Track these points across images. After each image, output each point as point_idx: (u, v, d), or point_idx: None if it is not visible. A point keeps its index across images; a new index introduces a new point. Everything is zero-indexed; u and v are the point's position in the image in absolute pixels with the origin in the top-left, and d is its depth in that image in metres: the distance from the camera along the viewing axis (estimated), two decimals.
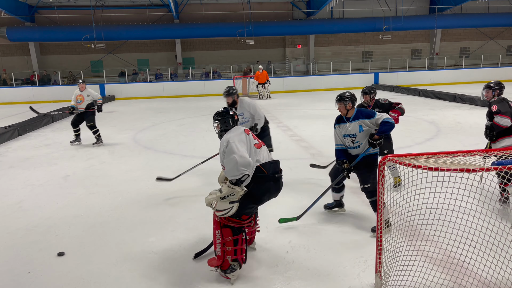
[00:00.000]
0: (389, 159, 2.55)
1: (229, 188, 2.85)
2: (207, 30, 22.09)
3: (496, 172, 2.91)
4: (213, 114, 3.21)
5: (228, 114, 3.13)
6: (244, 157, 2.84)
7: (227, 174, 2.92)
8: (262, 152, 3.08)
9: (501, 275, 2.61)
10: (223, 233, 2.96)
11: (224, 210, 2.85)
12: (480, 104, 12.10)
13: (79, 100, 8.20)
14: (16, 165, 6.88)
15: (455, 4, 22.20)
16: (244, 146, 2.94)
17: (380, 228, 2.63)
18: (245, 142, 2.98)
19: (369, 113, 3.73)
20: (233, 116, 3.15)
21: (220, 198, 2.86)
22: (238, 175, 2.83)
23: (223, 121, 3.11)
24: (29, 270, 3.24)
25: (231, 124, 3.12)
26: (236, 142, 2.91)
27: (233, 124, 3.13)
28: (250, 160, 2.87)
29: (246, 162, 2.83)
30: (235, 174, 2.84)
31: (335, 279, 2.94)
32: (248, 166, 2.85)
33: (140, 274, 3.13)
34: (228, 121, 3.11)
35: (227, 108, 3.20)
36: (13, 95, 18.86)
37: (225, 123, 3.11)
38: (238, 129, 3.10)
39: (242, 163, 2.81)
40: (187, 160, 6.77)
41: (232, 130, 3.08)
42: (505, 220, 2.63)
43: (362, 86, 20.62)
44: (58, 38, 21.98)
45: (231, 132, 3.05)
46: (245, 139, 3.00)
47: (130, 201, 4.83)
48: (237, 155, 2.83)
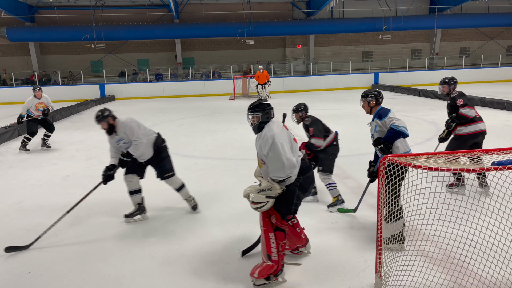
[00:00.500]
0: (389, 159, 2.55)
1: (268, 183, 2.83)
2: (207, 30, 22.10)
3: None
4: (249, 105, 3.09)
5: (268, 107, 3.03)
6: (291, 159, 2.81)
7: (271, 172, 2.86)
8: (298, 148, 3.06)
9: (501, 275, 2.61)
10: (277, 236, 2.89)
11: (260, 204, 2.81)
12: (480, 104, 12.10)
13: (41, 108, 7.86)
14: (16, 165, 6.88)
15: (455, 4, 22.20)
16: (288, 144, 2.88)
17: (380, 228, 2.63)
18: (288, 139, 2.93)
19: (380, 113, 3.57)
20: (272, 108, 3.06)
21: (258, 191, 2.82)
22: (283, 177, 2.81)
23: (264, 112, 2.99)
24: (29, 270, 3.24)
25: (272, 116, 3.03)
26: (282, 141, 2.84)
27: (273, 116, 3.04)
28: (295, 162, 2.85)
29: (292, 164, 2.81)
30: (280, 176, 2.81)
31: (335, 279, 2.94)
32: (294, 168, 2.83)
33: (140, 274, 3.13)
34: (270, 113, 3.01)
35: (261, 100, 3.10)
36: (13, 95, 18.85)
37: (266, 115, 2.99)
38: (278, 124, 3.02)
39: (289, 166, 2.79)
40: (187, 160, 6.77)
41: (274, 125, 2.96)
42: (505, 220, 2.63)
43: (362, 86, 20.75)
44: (58, 38, 21.99)
45: (273, 128, 2.92)
46: (287, 136, 2.94)
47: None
48: (284, 157, 2.78)
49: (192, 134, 9.35)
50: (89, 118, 12.90)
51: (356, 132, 8.42)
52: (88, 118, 12.93)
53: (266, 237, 2.88)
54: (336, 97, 16.88)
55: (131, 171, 4.29)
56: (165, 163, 4.35)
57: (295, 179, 2.88)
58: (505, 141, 7.30)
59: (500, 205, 2.49)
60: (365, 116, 4.04)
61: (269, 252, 2.86)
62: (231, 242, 3.61)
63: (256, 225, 3.94)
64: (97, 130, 11.00)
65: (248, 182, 5.36)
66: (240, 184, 5.32)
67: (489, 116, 10.09)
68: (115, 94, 19.42)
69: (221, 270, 3.13)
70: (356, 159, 6.30)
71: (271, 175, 2.86)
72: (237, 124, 10.49)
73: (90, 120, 12.26)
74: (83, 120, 12.50)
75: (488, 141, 7.23)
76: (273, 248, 2.86)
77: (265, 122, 2.99)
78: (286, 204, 2.88)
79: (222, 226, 3.96)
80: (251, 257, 3.31)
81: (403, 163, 2.47)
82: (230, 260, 3.27)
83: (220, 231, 3.86)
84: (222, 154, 7.13)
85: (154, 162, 4.33)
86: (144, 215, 4.29)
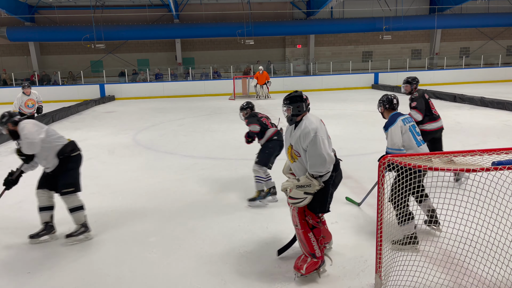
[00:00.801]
0: (389, 159, 2.55)
1: (307, 179, 2.83)
2: (207, 30, 22.10)
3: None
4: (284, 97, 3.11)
5: (301, 99, 3.02)
6: (331, 154, 2.82)
7: (311, 168, 2.83)
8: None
9: (501, 275, 2.61)
10: (315, 233, 2.94)
11: (298, 199, 2.82)
12: (480, 104, 12.11)
13: (31, 104, 7.93)
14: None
15: (455, 4, 22.20)
16: (327, 139, 2.88)
17: (380, 228, 2.63)
18: (326, 134, 2.92)
19: (387, 123, 3.61)
20: (306, 100, 3.04)
21: (297, 186, 2.83)
22: (324, 172, 2.82)
23: (297, 105, 2.98)
24: (29, 270, 3.24)
25: (304, 109, 3.01)
26: (323, 135, 2.83)
27: (306, 109, 3.02)
28: (334, 157, 2.88)
29: (332, 159, 2.83)
30: (320, 171, 2.81)
31: (335, 279, 2.94)
32: (333, 162, 2.86)
33: (140, 274, 3.13)
34: (302, 106, 2.99)
35: (298, 92, 3.09)
36: (13, 95, 18.65)
37: (298, 108, 2.99)
38: (316, 117, 2.98)
39: (330, 161, 2.81)
40: (187, 160, 6.77)
41: (313, 118, 2.95)
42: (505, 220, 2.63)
43: (362, 86, 20.77)
44: (58, 38, 21.99)
45: (313, 121, 2.90)
46: (325, 131, 2.93)
47: (130, 201, 4.83)
48: (325, 152, 2.78)
49: (192, 134, 9.35)
50: (89, 118, 12.91)
51: (355, 132, 8.42)
52: (88, 118, 12.93)
53: (306, 238, 2.93)
54: (336, 97, 16.88)
55: (42, 185, 3.87)
56: (67, 176, 3.76)
57: (329, 176, 2.89)
58: (505, 141, 7.30)
59: (500, 205, 2.49)
60: (365, 117, 4.04)
61: (312, 251, 2.92)
62: (231, 242, 3.61)
63: (256, 225, 3.95)
64: (97, 130, 11.06)
65: (248, 182, 5.39)
66: (240, 184, 5.33)
67: (489, 116, 10.11)
68: (115, 94, 19.42)
69: (221, 270, 3.13)
70: (355, 159, 6.29)
71: (310, 170, 2.85)
72: (237, 124, 10.48)
73: (90, 120, 12.32)
74: (83, 120, 12.50)
75: (488, 141, 7.26)
76: (315, 246, 2.92)
77: (297, 114, 2.99)
78: (321, 203, 2.90)
79: (222, 226, 3.96)
80: (251, 256, 3.31)
81: (403, 163, 2.47)
82: (230, 260, 3.27)
83: (220, 231, 3.86)
84: (222, 154, 7.13)
85: (57, 173, 3.82)
86: (53, 234, 3.83)
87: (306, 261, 2.92)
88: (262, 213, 4.25)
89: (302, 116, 2.99)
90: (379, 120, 6.68)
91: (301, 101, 3.00)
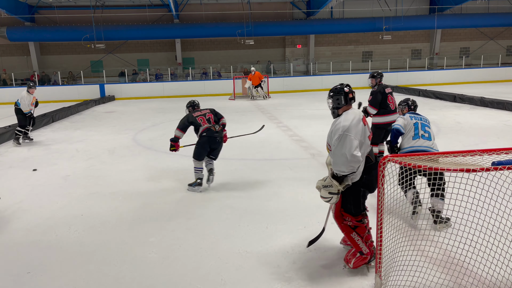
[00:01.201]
0: (389, 159, 2.55)
1: (329, 179, 2.88)
2: (207, 30, 22.09)
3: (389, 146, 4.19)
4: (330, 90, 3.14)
5: (341, 91, 3.01)
6: (356, 155, 2.77)
7: (334, 166, 2.88)
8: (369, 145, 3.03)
9: (501, 275, 2.61)
10: (359, 232, 2.98)
11: (326, 198, 2.90)
12: (480, 104, 12.11)
13: (34, 102, 8.66)
14: (16, 165, 6.88)
15: (455, 4, 22.20)
16: (359, 139, 2.84)
17: (380, 228, 2.63)
18: (362, 134, 2.89)
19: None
20: (346, 94, 3.01)
21: (322, 186, 2.90)
22: (346, 172, 2.81)
23: (336, 98, 3.00)
24: (29, 270, 3.24)
25: (343, 103, 2.99)
26: (353, 135, 2.81)
27: (345, 103, 2.99)
28: (361, 159, 2.82)
29: (356, 160, 2.78)
30: (342, 170, 2.82)
31: (335, 279, 2.94)
32: (357, 163, 2.81)
33: (140, 274, 3.13)
34: (341, 99, 2.99)
35: (343, 85, 3.09)
36: (13, 95, 18.71)
37: (337, 100, 3.00)
38: (355, 115, 2.92)
39: (352, 161, 2.77)
40: (187, 160, 6.77)
41: (351, 116, 2.91)
42: (505, 220, 2.63)
43: (362, 86, 20.72)
44: (58, 38, 21.98)
45: (349, 119, 2.88)
46: (361, 131, 2.88)
47: (130, 201, 4.83)
48: (349, 153, 2.76)
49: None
50: (89, 118, 12.91)
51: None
52: (88, 118, 12.93)
53: (350, 239, 3.00)
54: None
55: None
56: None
57: (360, 177, 2.90)
58: (505, 141, 7.30)
59: (500, 205, 2.49)
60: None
61: (359, 249, 2.98)
62: (231, 242, 3.61)
63: (256, 225, 3.95)
64: (97, 130, 11.09)
65: (248, 182, 5.39)
66: (240, 184, 5.33)
67: (489, 116, 10.11)
68: (115, 94, 19.42)
69: (221, 270, 3.13)
70: None
71: (333, 168, 2.88)
72: (237, 124, 10.49)
73: (90, 120, 12.32)
74: (83, 120, 12.50)
75: (488, 141, 7.26)
76: (360, 244, 2.97)
77: (337, 107, 3.01)
78: (354, 204, 2.96)
79: (222, 226, 3.96)
80: (251, 256, 3.31)
81: (403, 163, 2.47)
82: (230, 260, 3.27)
83: (220, 231, 3.86)
84: (222, 154, 7.09)
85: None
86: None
87: (355, 256, 3.01)
88: (262, 213, 4.25)
89: (343, 110, 2.99)
90: None
91: (339, 94, 3.00)
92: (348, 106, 3.01)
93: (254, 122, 10.79)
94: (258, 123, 10.58)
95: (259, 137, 8.59)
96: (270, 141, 8.07)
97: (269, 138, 8.38)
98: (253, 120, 11.08)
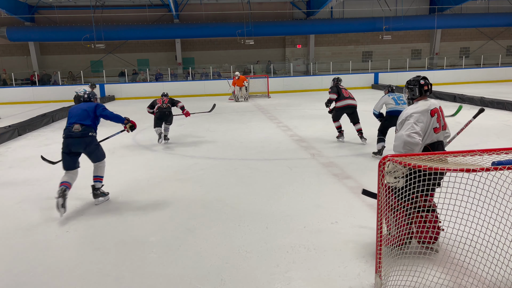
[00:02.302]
0: (389, 159, 2.55)
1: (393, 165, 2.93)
2: (207, 30, 22.09)
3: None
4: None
5: (417, 83, 3.20)
6: (413, 137, 2.93)
7: (394, 148, 3.05)
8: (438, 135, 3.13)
9: (501, 275, 2.61)
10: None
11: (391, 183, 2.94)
12: (480, 104, 12.11)
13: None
14: (16, 165, 6.88)
15: (455, 4, 22.20)
16: (419, 126, 2.99)
17: (380, 228, 2.63)
18: (425, 123, 3.03)
19: None
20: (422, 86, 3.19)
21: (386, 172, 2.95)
22: (403, 152, 2.95)
23: (411, 89, 3.20)
24: (29, 270, 3.24)
25: (417, 94, 3.19)
26: (413, 120, 2.99)
27: (419, 94, 3.18)
28: (419, 141, 2.95)
29: (413, 142, 2.92)
30: (400, 151, 2.98)
31: (335, 279, 2.94)
32: (415, 146, 2.94)
33: (140, 274, 3.13)
34: (415, 90, 3.20)
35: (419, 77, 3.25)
36: (13, 95, 18.87)
37: (412, 91, 3.21)
38: (426, 105, 3.10)
39: (409, 143, 2.92)
40: (187, 160, 6.78)
41: (420, 105, 3.11)
42: (504, 220, 2.63)
43: (362, 86, 20.77)
44: (58, 38, 21.98)
45: (417, 107, 3.09)
46: (425, 120, 3.03)
47: (130, 201, 4.83)
48: (406, 134, 2.94)
49: (192, 134, 9.36)
50: None
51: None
52: None
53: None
54: None
55: None
56: None
57: None
58: (505, 141, 7.30)
59: (500, 205, 2.49)
60: (365, 117, 4.05)
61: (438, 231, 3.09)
62: (231, 242, 3.61)
63: (256, 225, 3.95)
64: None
65: (248, 182, 5.39)
66: (240, 184, 5.34)
67: (489, 116, 10.10)
68: (115, 94, 19.42)
69: (221, 270, 3.13)
70: (355, 159, 6.30)
71: (394, 151, 3.04)
72: (237, 124, 10.50)
73: None
74: None
75: (488, 141, 7.26)
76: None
77: (412, 98, 3.21)
78: None
79: (222, 226, 3.96)
80: (251, 256, 3.31)
81: (403, 163, 2.47)
82: (230, 260, 3.27)
83: (220, 231, 3.86)
84: (222, 154, 7.13)
85: None
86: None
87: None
88: (262, 213, 4.25)
89: (418, 100, 3.18)
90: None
91: (414, 85, 3.20)
92: (423, 97, 3.19)
93: (254, 122, 10.80)
94: (258, 123, 10.59)
95: (259, 137, 8.60)
96: (270, 141, 8.07)
97: (269, 138, 8.39)
98: (253, 120, 11.08)
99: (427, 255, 3.03)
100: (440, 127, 3.15)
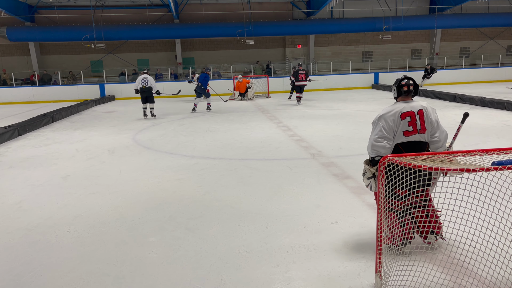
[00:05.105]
0: (389, 159, 2.55)
1: (364, 165, 3.07)
2: (207, 30, 22.08)
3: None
4: None
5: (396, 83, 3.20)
6: (379, 141, 3.02)
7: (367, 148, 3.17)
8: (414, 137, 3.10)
9: (501, 275, 2.61)
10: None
11: (368, 186, 3.08)
12: (480, 104, 12.11)
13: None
14: (16, 165, 6.88)
15: (455, 4, 22.20)
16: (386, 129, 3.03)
17: (380, 228, 2.63)
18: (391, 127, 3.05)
19: None
20: (401, 86, 3.17)
21: (362, 175, 3.10)
22: (372, 154, 3.07)
23: (393, 89, 3.24)
24: (29, 270, 3.24)
25: (396, 94, 3.21)
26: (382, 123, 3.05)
27: (398, 94, 3.19)
28: (385, 145, 3.02)
29: (379, 145, 3.01)
30: (369, 152, 3.12)
31: (335, 279, 2.94)
32: (381, 149, 3.01)
33: (140, 274, 3.13)
34: (394, 90, 3.22)
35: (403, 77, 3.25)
36: (13, 95, 18.87)
37: (394, 91, 3.24)
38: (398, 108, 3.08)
39: (376, 146, 3.02)
40: (187, 160, 6.77)
41: (393, 107, 3.11)
42: (504, 220, 2.63)
43: (362, 86, 20.77)
44: (58, 38, 21.98)
45: (387, 109, 3.13)
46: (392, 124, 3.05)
47: (130, 201, 4.83)
48: (373, 138, 3.05)
49: (192, 134, 9.35)
50: (89, 118, 12.91)
51: (355, 132, 8.42)
52: (88, 118, 12.93)
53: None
54: (336, 97, 16.88)
55: None
56: None
57: None
58: (505, 141, 7.30)
59: (500, 205, 2.49)
60: (365, 117, 4.05)
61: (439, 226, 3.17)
62: (231, 242, 3.61)
63: (256, 225, 3.95)
64: (97, 130, 11.09)
65: (248, 182, 5.39)
66: (240, 184, 5.33)
67: (489, 116, 10.11)
68: (115, 94, 19.41)
69: (221, 270, 3.13)
70: (355, 159, 6.30)
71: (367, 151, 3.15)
72: (237, 124, 10.50)
73: (90, 120, 12.33)
74: (83, 120, 12.50)
75: (488, 141, 7.26)
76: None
77: (395, 97, 3.22)
78: None
79: (222, 226, 3.96)
80: (251, 256, 3.31)
81: (403, 163, 2.47)
82: (230, 260, 3.27)
83: (220, 230, 3.86)
84: (222, 154, 7.13)
85: None
86: None
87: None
88: (262, 213, 4.25)
89: (399, 100, 3.20)
90: None
91: (394, 85, 3.23)
92: (404, 98, 3.16)
93: (254, 122, 10.80)
94: (258, 123, 10.59)
95: (259, 137, 8.60)
96: (270, 141, 8.07)
97: (269, 138, 8.39)
98: (253, 120, 11.08)
99: (428, 249, 3.03)
100: (415, 131, 3.06)
